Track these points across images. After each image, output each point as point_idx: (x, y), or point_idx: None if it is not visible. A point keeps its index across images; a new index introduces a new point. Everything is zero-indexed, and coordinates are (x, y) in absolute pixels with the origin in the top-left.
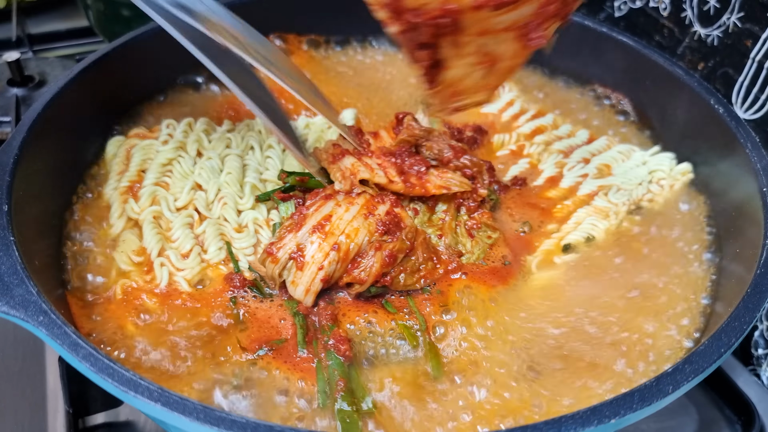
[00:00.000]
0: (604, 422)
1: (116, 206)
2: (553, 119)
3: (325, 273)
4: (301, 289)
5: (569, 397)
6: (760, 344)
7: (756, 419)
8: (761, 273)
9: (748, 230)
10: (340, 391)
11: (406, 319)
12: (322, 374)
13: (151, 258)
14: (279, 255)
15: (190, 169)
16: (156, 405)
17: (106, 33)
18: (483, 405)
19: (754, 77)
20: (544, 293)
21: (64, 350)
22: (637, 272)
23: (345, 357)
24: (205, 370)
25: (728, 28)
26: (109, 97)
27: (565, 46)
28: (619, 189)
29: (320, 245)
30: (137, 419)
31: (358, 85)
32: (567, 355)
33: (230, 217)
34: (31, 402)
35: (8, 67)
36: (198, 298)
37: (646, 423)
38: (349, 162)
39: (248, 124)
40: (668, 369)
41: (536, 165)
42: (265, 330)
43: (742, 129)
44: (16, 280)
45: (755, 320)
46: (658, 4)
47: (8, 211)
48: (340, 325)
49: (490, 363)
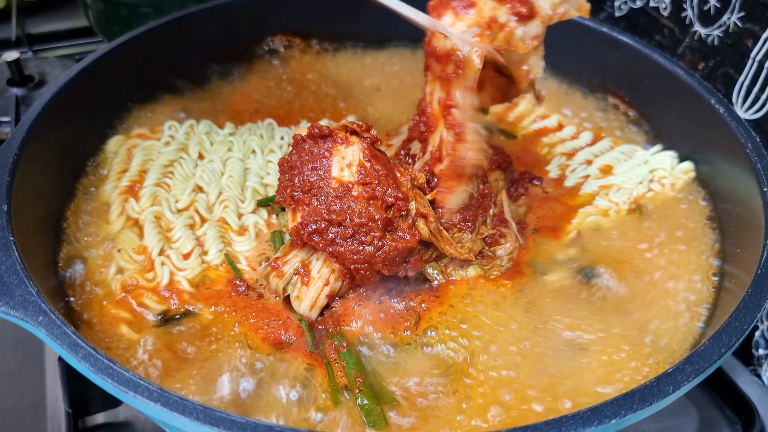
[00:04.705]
0: (604, 422)
1: (116, 205)
2: (557, 121)
3: (331, 289)
4: (306, 304)
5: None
6: (761, 344)
7: (756, 419)
8: (761, 273)
9: (748, 230)
10: (359, 387)
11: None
12: (333, 376)
13: (152, 256)
14: (284, 269)
15: (191, 171)
16: (156, 405)
17: (106, 33)
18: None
19: (754, 77)
20: (546, 292)
21: (63, 350)
22: (636, 271)
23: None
24: (212, 364)
25: (729, 28)
26: (109, 97)
27: (566, 47)
28: (619, 188)
29: (326, 260)
30: (137, 419)
31: (358, 89)
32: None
33: (231, 219)
34: (31, 402)
35: (8, 66)
36: (199, 298)
37: (647, 423)
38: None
39: (250, 127)
40: (669, 369)
41: (543, 167)
42: (273, 326)
43: (742, 129)
44: (16, 280)
45: (756, 320)
46: (659, 4)
47: (8, 211)
48: (343, 328)
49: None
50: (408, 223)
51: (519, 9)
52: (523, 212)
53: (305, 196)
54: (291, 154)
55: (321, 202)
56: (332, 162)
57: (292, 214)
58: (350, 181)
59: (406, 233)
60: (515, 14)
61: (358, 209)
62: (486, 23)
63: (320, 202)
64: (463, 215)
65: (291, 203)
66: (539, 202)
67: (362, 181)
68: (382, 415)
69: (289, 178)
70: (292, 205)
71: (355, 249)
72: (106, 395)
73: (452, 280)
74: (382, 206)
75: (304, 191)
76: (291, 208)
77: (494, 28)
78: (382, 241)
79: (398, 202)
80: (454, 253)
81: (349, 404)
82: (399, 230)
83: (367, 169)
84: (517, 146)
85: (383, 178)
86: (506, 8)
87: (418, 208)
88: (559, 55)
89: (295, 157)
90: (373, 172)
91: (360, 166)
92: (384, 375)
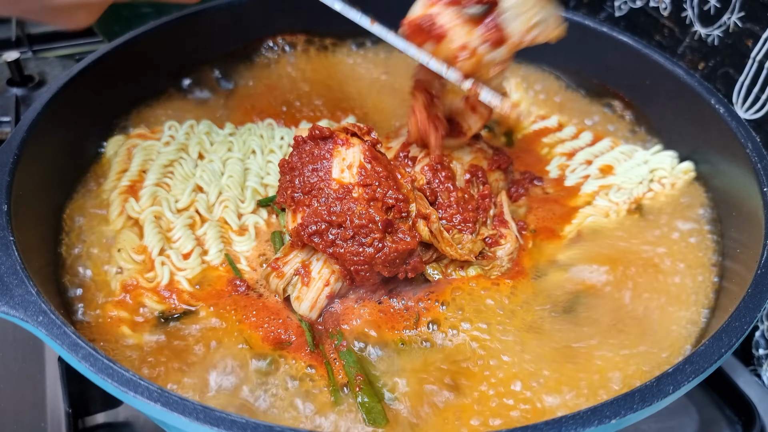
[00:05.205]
0: (604, 422)
1: (116, 204)
2: (557, 121)
3: (331, 289)
4: (306, 305)
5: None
6: (761, 344)
7: (756, 419)
8: (762, 273)
9: (748, 230)
10: (359, 385)
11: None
12: (333, 375)
13: (152, 256)
14: (285, 270)
15: (191, 171)
16: (156, 405)
17: (106, 33)
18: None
19: (754, 77)
20: (546, 292)
21: (63, 350)
22: (637, 271)
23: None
24: (212, 364)
25: (729, 28)
26: (109, 97)
27: (566, 47)
28: (619, 188)
29: (327, 261)
30: (137, 419)
31: (358, 90)
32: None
33: (231, 219)
34: (31, 402)
35: (8, 66)
36: (199, 298)
37: (647, 423)
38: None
39: (250, 128)
40: (669, 369)
41: (543, 167)
42: (273, 325)
43: (742, 129)
44: (16, 280)
45: (756, 320)
46: (659, 4)
47: (8, 211)
48: (343, 328)
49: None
50: (408, 225)
51: (490, 35)
52: (523, 213)
53: (305, 198)
54: (291, 156)
55: (321, 203)
56: (333, 163)
57: (292, 215)
58: (351, 183)
59: (407, 235)
60: (486, 41)
61: (359, 211)
62: (455, 52)
63: (320, 203)
64: (464, 216)
65: (291, 204)
66: (539, 202)
67: (363, 183)
68: (383, 413)
69: (290, 180)
70: (292, 206)
71: (355, 250)
72: (106, 395)
73: (452, 279)
74: (382, 208)
75: (305, 192)
76: (291, 209)
77: (465, 54)
78: (382, 242)
79: (399, 203)
80: (454, 255)
81: (349, 403)
82: (399, 232)
83: (368, 171)
84: (517, 146)
85: (384, 180)
86: (478, 35)
87: (418, 209)
88: (559, 55)
89: (295, 159)
90: (374, 174)
91: (360, 167)
92: (384, 373)
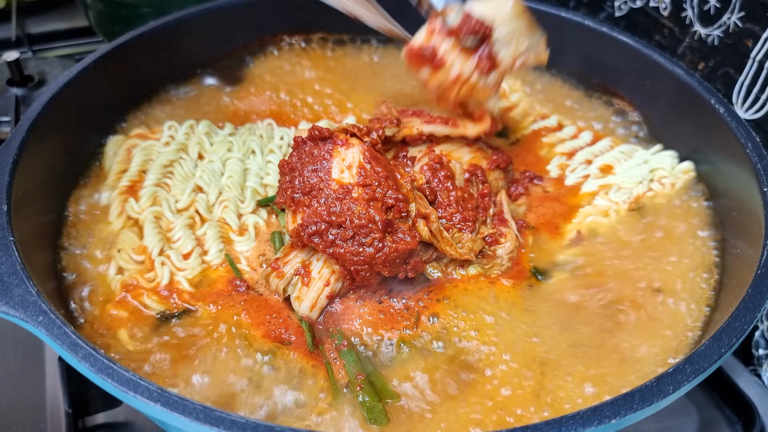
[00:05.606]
0: (604, 422)
1: (116, 205)
2: (557, 121)
3: (331, 289)
4: (306, 305)
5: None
6: (761, 344)
7: (756, 419)
8: (762, 273)
9: (748, 230)
10: (360, 384)
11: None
12: (333, 375)
13: (152, 256)
14: (285, 270)
15: (191, 172)
16: (156, 405)
17: (106, 33)
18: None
19: (754, 77)
20: (546, 291)
21: (63, 350)
22: (637, 271)
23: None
24: (212, 363)
25: (729, 28)
26: (109, 97)
27: (566, 47)
28: (619, 188)
29: (327, 261)
30: (137, 419)
31: (358, 89)
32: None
33: (231, 220)
34: (31, 402)
35: (8, 66)
36: (199, 298)
37: (647, 423)
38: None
39: (250, 128)
40: (669, 369)
41: (543, 167)
42: (273, 325)
43: (742, 129)
44: (16, 280)
45: (756, 320)
46: (659, 4)
47: (8, 211)
48: (343, 327)
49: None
50: (408, 225)
51: (483, 64)
52: (523, 212)
53: (305, 198)
54: (291, 156)
55: (321, 203)
56: (332, 164)
57: (292, 216)
58: (350, 183)
59: (407, 235)
60: (479, 69)
61: (358, 211)
62: (451, 80)
63: (320, 203)
64: (463, 215)
65: (291, 205)
66: (539, 201)
67: (362, 183)
68: (384, 412)
69: (290, 180)
70: (292, 206)
71: (355, 250)
72: (106, 395)
73: (452, 279)
74: (382, 208)
75: (305, 193)
76: (291, 209)
77: (460, 81)
78: (382, 242)
79: (398, 203)
80: (454, 254)
81: (350, 402)
82: (399, 232)
83: (367, 171)
84: (517, 146)
85: (383, 180)
86: (472, 64)
87: (418, 209)
88: (559, 55)
89: (295, 159)
90: (374, 174)
91: (360, 167)
92: (385, 373)
